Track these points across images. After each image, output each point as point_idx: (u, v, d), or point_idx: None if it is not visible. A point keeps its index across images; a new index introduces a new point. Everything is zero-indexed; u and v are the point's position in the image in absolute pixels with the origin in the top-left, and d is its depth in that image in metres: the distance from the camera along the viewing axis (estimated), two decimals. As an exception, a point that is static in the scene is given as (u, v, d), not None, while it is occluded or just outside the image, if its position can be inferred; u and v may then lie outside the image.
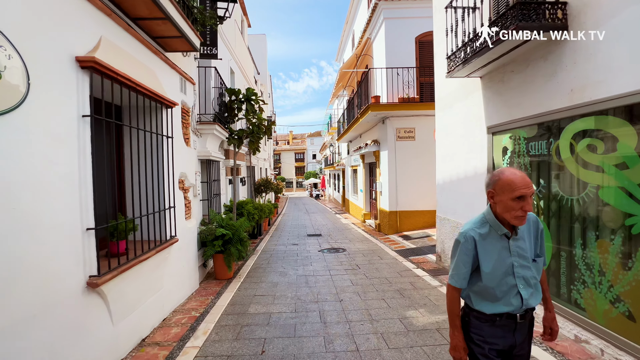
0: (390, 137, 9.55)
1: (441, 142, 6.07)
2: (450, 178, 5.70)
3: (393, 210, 9.60)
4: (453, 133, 5.54)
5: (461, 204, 5.33)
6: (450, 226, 5.67)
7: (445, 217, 5.88)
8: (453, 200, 5.60)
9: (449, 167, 5.73)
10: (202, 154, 5.52)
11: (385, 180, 9.80)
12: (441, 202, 6.10)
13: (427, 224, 9.68)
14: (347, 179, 18.12)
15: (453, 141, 5.56)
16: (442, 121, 5.99)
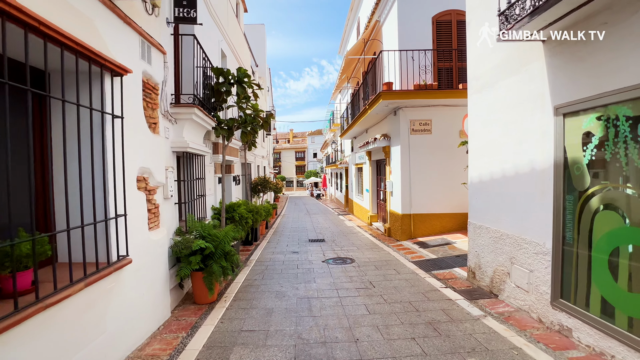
0: (403, 131, 8.35)
1: (476, 132, 4.87)
2: (490, 176, 4.50)
3: (406, 214, 8.40)
4: (496, 119, 4.33)
5: (507, 209, 4.14)
6: (490, 237, 4.47)
7: (482, 224, 4.68)
8: (494, 205, 4.40)
9: (488, 163, 4.53)
10: (178, 145, 4.33)
11: (397, 179, 8.60)
12: (476, 206, 4.90)
13: (445, 228, 8.48)
14: (351, 178, 16.93)
15: (496, 129, 4.35)
16: (479, 106, 4.79)
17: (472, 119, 4.98)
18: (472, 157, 4.99)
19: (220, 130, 5.83)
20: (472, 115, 4.97)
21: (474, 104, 4.93)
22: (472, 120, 4.98)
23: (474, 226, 4.93)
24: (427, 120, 8.38)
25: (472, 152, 4.98)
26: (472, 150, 4.98)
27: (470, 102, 5.00)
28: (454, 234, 8.21)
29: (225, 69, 5.64)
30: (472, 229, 4.98)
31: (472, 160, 5.01)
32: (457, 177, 8.37)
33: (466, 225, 8.43)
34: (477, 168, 4.82)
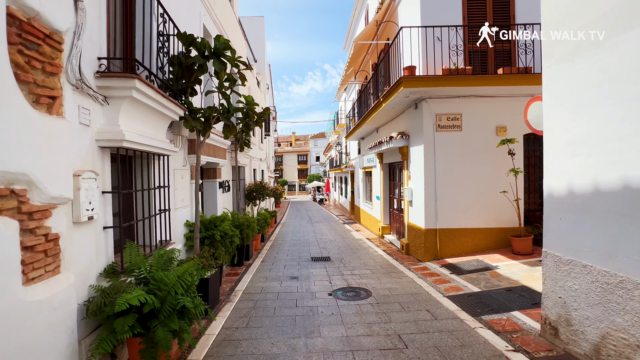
0: (427, 127, 6.75)
1: (559, 121, 3.25)
2: (593, 185, 2.88)
3: (430, 228, 6.78)
4: (606, 97, 2.73)
5: (627, 238, 2.53)
6: (595, 282, 2.84)
7: (575, 259, 3.06)
8: (603, 231, 2.78)
9: (587, 165, 2.92)
10: (108, 138, 2.75)
11: (419, 186, 6.99)
12: (558, 229, 3.27)
13: (479, 247, 6.84)
14: (357, 183, 15.31)
15: (603, 114, 2.75)
16: (565, 82, 3.17)
17: (549, 102, 3.37)
18: (550, 158, 3.38)
19: (192, 122, 4.25)
20: (550, 98, 3.36)
21: (554, 81, 3.32)
22: (550, 105, 3.36)
23: (555, 259, 3.30)
24: (457, 115, 6.78)
25: (550, 151, 3.37)
26: (550, 148, 3.36)
27: (548, 78, 3.39)
28: (490, 254, 6.57)
29: (199, 38, 4.09)
30: (551, 263, 3.35)
31: (549, 163, 3.39)
32: (494, 183, 6.75)
33: (506, 243, 6.82)
34: (563, 173, 3.20)
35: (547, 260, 3.41)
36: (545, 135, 3.42)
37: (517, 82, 6.11)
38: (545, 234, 3.44)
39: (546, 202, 3.42)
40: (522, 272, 5.43)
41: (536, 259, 5.93)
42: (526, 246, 6.26)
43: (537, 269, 5.48)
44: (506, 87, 6.23)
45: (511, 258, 6.17)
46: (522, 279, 5.10)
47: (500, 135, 6.72)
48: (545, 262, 3.43)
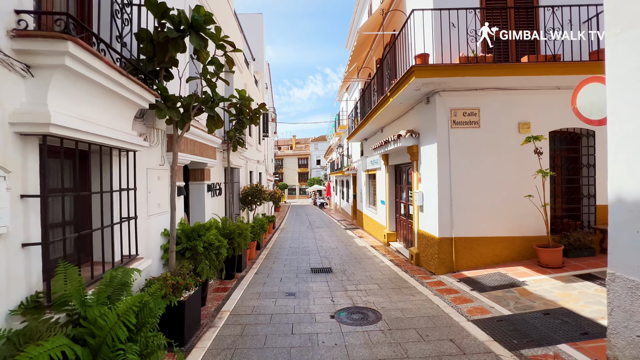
0: (440, 123, 5.99)
1: (634, 105, 2.49)
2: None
3: (445, 237, 5.98)
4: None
5: None
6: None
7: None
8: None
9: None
10: (28, 121, 1.99)
11: (431, 189, 6.21)
12: (636, 246, 2.49)
13: (500, 258, 6.04)
14: (360, 187, 14.53)
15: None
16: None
17: (618, 82, 2.60)
18: (618, 154, 2.61)
19: (166, 111, 3.49)
20: (621, 75, 2.59)
21: (626, 53, 2.55)
22: (619, 85, 2.60)
23: (630, 286, 2.51)
24: (474, 110, 6.02)
25: (619, 144, 2.60)
26: (620, 140, 2.59)
27: (615, 51, 2.63)
28: (513, 266, 5.76)
29: (174, 9, 3.35)
30: (622, 290, 2.56)
31: (617, 160, 2.62)
32: (517, 187, 5.97)
33: (530, 255, 5.95)
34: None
35: (615, 285, 2.62)
36: (610, 125, 2.65)
37: (543, 72, 5.36)
38: (612, 251, 2.66)
39: (613, 210, 2.64)
40: (557, 289, 4.62)
41: (569, 274, 5.12)
42: (556, 258, 5.46)
43: (573, 285, 4.67)
44: (531, 77, 5.47)
45: (539, 272, 5.36)
46: (559, 299, 4.30)
47: (523, 132, 5.96)
48: (613, 288, 2.64)
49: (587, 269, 5.23)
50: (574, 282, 4.83)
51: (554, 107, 5.96)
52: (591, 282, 4.76)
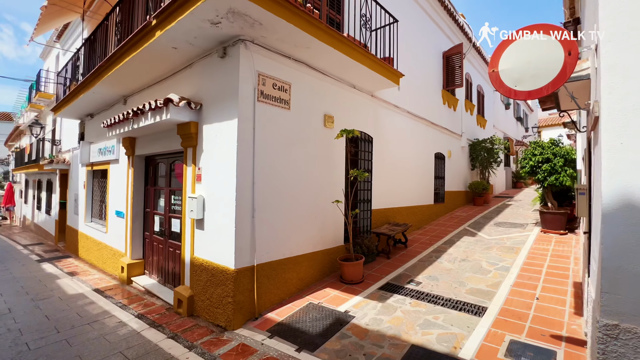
0: (244, 92, 3.77)
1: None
2: None
3: (245, 267, 3.76)
4: None
5: None
6: None
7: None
8: None
9: None
10: None
11: (225, 191, 3.80)
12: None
13: (304, 282, 4.61)
14: (76, 190, 9.02)
15: None
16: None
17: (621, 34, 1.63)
18: (625, 136, 1.61)
19: None
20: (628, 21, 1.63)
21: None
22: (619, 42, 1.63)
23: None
24: (286, 85, 4.31)
25: (626, 122, 1.60)
26: (628, 117, 1.60)
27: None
28: (318, 289, 4.51)
29: None
30: (634, 351, 1.53)
31: (620, 148, 1.61)
32: (325, 190, 4.87)
33: (329, 269, 4.61)
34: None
35: (621, 347, 1.55)
36: (608, 96, 1.62)
37: (359, 55, 4.55)
38: (613, 289, 1.59)
39: (612, 219, 1.59)
40: (383, 315, 3.69)
41: (374, 288, 4.47)
42: (358, 272, 4.74)
43: (390, 304, 3.94)
44: (343, 58, 4.52)
45: (347, 291, 4.39)
46: (396, 329, 3.31)
47: (328, 126, 4.97)
48: (617, 351, 1.57)
49: (383, 278, 4.84)
50: (386, 297, 4.15)
51: (350, 106, 5.46)
52: (397, 294, 4.27)
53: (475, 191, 10.84)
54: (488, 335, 3.13)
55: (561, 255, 5.35)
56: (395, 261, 5.58)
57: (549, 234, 6.54)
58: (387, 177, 6.61)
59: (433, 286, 4.45)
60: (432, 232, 7.42)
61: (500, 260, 5.26)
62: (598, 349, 1.60)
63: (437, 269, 5.08)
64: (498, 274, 4.70)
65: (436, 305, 3.87)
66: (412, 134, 7.62)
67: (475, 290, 4.24)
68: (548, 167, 6.30)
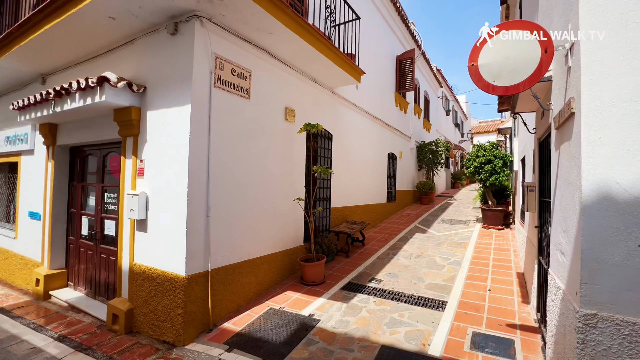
0: (199, 74, 3.34)
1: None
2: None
3: (198, 273, 3.32)
4: None
5: None
6: None
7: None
8: None
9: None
10: None
11: (174, 188, 3.32)
12: (631, 267, 1.57)
13: (263, 285, 4.30)
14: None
15: None
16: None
17: (597, 33, 1.68)
18: (604, 129, 1.66)
19: None
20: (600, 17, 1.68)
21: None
22: (598, 32, 1.68)
23: (623, 331, 1.56)
24: (247, 72, 3.95)
25: (605, 115, 1.65)
26: (607, 110, 1.65)
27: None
28: (279, 292, 4.23)
29: None
30: (612, 339, 1.57)
31: (598, 143, 1.66)
32: (286, 186, 4.62)
33: (289, 271, 4.34)
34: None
35: (599, 335, 1.60)
36: (589, 87, 1.67)
37: (327, 52, 4.39)
38: (592, 280, 1.63)
39: (593, 214, 1.63)
40: (349, 316, 3.56)
41: (337, 289, 4.35)
42: (320, 272, 4.57)
43: (354, 304, 3.84)
44: (307, 49, 4.32)
45: (309, 293, 4.20)
46: (363, 330, 3.21)
47: (290, 120, 4.72)
48: (595, 340, 1.61)
49: (344, 278, 4.74)
50: (350, 298, 4.04)
51: (311, 101, 5.27)
52: (360, 293, 4.20)
53: (422, 190, 11.48)
54: (452, 329, 3.19)
55: (502, 248, 5.83)
56: (355, 260, 5.54)
57: (490, 229, 7.15)
58: (345, 176, 6.56)
59: (394, 283, 4.47)
60: (387, 230, 7.59)
61: (451, 255, 5.54)
62: (577, 338, 1.64)
63: (396, 266, 5.15)
64: (452, 269, 4.92)
65: (400, 302, 3.87)
66: (369, 133, 7.72)
67: (434, 285, 4.36)
68: (489, 168, 6.87)
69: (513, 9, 7.31)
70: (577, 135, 1.72)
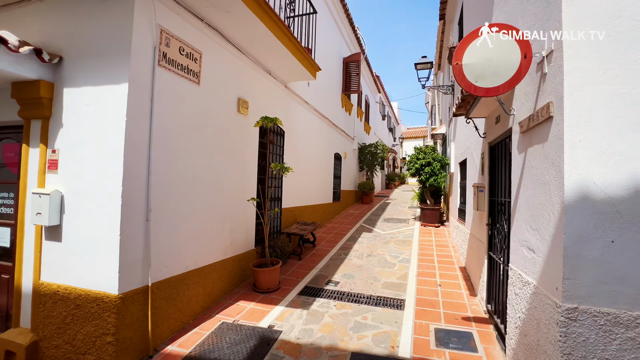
0: (139, 47, 2.75)
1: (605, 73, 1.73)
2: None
3: (134, 290, 2.72)
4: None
5: None
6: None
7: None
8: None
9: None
10: None
11: (97, 185, 2.66)
12: (613, 261, 1.68)
13: (212, 297, 3.82)
14: None
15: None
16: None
17: (575, 41, 1.78)
18: (583, 133, 1.76)
19: None
20: (579, 23, 1.78)
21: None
22: (579, 42, 1.78)
23: (599, 322, 1.66)
24: (197, 53, 3.43)
25: (585, 118, 1.75)
26: (586, 114, 1.75)
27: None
28: (231, 303, 3.80)
29: None
30: (590, 330, 1.66)
31: (578, 145, 1.75)
32: (238, 186, 4.20)
33: (240, 278, 3.99)
34: (617, 161, 1.69)
35: (579, 326, 1.69)
36: (570, 90, 1.75)
37: (287, 42, 4.08)
38: (573, 275, 1.72)
39: (574, 213, 1.72)
40: (312, 324, 3.35)
41: (294, 295, 4.10)
42: (275, 278, 4.26)
43: (315, 310, 3.66)
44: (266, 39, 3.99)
45: (265, 302, 3.87)
46: (330, 338, 3.04)
47: (243, 113, 4.30)
48: (575, 331, 1.70)
49: (300, 282, 4.50)
50: (309, 303, 3.83)
51: (264, 94, 4.91)
52: (319, 297, 4.02)
53: (363, 190, 11.88)
54: (416, 328, 3.22)
55: (442, 244, 6.29)
56: (308, 262, 5.34)
57: (428, 227, 7.69)
58: (296, 174, 6.33)
59: (351, 284, 4.41)
60: (335, 230, 7.59)
61: (400, 253, 5.75)
62: (560, 332, 1.72)
63: (350, 267, 5.11)
64: (403, 266, 5.08)
65: (360, 304, 3.81)
66: (318, 132, 7.61)
67: (389, 284, 4.42)
68: (429, 170, 7.39)
69: (449, 25, 8.00)
70: (558, 138, 1.81)
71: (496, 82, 2.08)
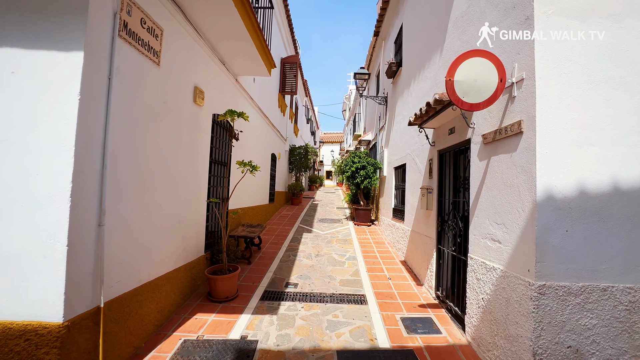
0: (98, 13, 2.23)
1: (566, 98, 2.21)
2: (608, 186, 2.17)
3: (82, 315, 2.17)
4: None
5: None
6: (615, 305, 2.13)
7: (592, 284, 2.12)
8: (621, 240, 2.16)
9: (603, 159, 2.18)
10: None
11: (33, 182, 2.05)
12: (568, 247, 2.13)
13: (164, 313, 3.35)
14: None
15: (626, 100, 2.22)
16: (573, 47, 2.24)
17: (545, 71, 2.24)
18: (549, 145, 2.21)
19: None
20: (548, 59, 2.24)
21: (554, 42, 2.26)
22: (547, 73, 2.24)
23: (563, 292, 2.11)
24: (158, 29, 2.95)
25: (551, 135, 2.21)
26: (549, 131, 2.21)
27: (545, 33, 2.25)
28: (187, 317, 3.38)
29: None
30: (553, 301, 2.11)
31: (546, 155, 2.20)
32: (190, 184, 3.78)
33: (192, 288, 3.57)
34: (572, 168, 2.18)
35: (546, 299, 2.13)
36: (541, 113, 2.20)
37: (252, 31, 3.83)
38: (543, 259, 2.15)
39: (542, 210, 2.17)
40: (287, 329, 3.26)
41: (257, 301, 3.90)
42: (233, 285, 3.95)
43: (286, 315, 3.57)
44: (232, 24, 3.71)
45: (225, 312, 3.58)
46: (314, 342, 3.02)
47: (199, 103, 3.87)
48: (545, 304, 2.13)
49: (258, 287, 4.29)
50: (275, 308, 3.70)
51: (217, 85, 4.51)
52: (283, 300, 3.92)
53: (293, 192, 11.95)
54: (385, 320, 3.46)
55: (379, 242, 6.86)
56: (258, 265, 5.11)
57: (361, 226, 8.26)
58: (240, 174, 5.96)
59: (311, 285, 4.42)
60: (275, 232, 7.43)
61: (345, 252, 6.03)
62: (533, 305, 2.15)
63: (303, 268, 5.11)
64: (351, 264, 5.35)
65: (326, 303, 3.86)
66: (260, 131, 7.35)
67: (346, 281, 4.61)
68: (364, 173, 7.97)
69: (380, 42, 8.81)
70: (529, 150, 2.25)
71: (478, 99, 2.45)
